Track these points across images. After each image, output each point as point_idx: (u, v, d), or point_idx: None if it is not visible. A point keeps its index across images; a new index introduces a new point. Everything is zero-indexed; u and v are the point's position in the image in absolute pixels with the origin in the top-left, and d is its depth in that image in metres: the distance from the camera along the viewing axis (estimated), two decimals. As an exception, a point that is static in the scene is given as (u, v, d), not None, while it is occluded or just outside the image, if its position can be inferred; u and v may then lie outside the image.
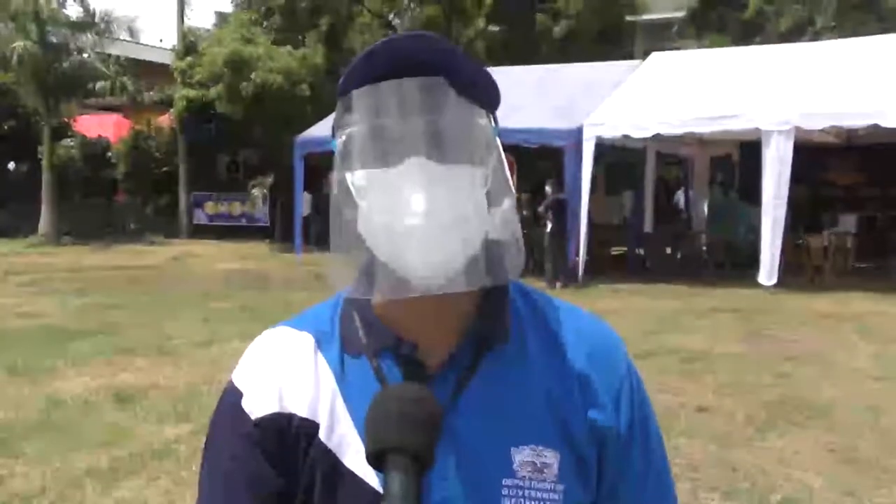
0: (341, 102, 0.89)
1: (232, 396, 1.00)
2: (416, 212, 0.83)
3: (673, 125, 12.84)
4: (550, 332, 1.00)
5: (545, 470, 0.93)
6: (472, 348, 0.95)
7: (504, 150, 0.94)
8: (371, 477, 0.91)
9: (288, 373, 0.98)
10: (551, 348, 0.99)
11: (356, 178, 0.88)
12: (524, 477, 0.93)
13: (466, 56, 0.89)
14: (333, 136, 0.92)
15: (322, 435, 0.95)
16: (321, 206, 18.42)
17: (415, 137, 0.84)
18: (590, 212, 13.44)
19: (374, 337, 0.96)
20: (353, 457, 0.92)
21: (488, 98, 0.91)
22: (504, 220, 0.92)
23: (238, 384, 1.00)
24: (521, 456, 0.93)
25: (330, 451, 0.94)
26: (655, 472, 1.01)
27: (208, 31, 25.24)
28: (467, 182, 0.87)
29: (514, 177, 0.94)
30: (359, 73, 0.87)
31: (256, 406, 0.97)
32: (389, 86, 0.85)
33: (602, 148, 13.33)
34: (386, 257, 0.88)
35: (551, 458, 0.94)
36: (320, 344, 0.99)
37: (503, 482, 0.92)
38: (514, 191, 0.94)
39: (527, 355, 0.98)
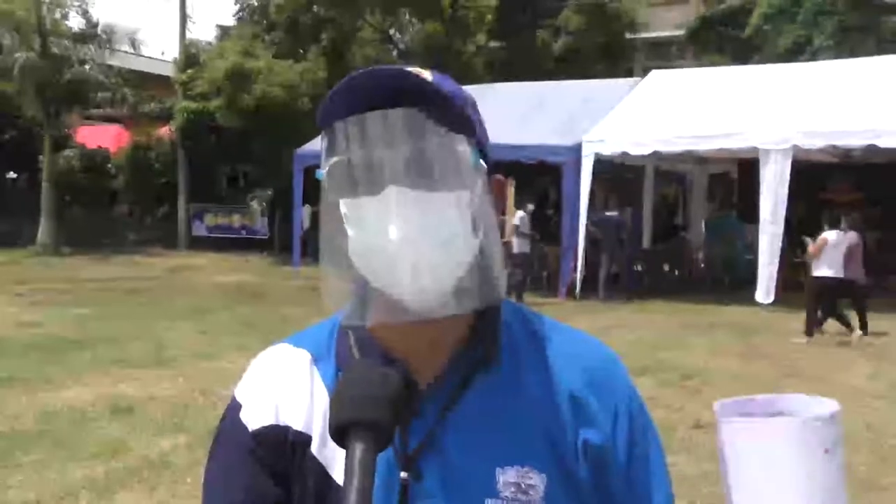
0: (323, 135, 0.92)
1: (232, 409, 1.03)
2: (395, 238, 0.86)
3: (672, 143, 12.89)
4: (545, 353, 1.01)
5: (530, 491, 0.94)
6: (464, 368, 0.97)
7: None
8: None
9: (285, 387, 1.01)
10: (545, 369, 1.00)
11: (343, 207, 0.91)
12: (507, 497, 0.93)
13: (443, 85, 0.92)
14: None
15: (314, 448, 0.97)
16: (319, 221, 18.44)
17: (393, 166, 0.87)
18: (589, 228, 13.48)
19: (367, 355, 0.98)
20: (342, 471, 0.94)
21: (464, 124, 0.93)
22: (487, 242, 0.93)
23: (238, 397, 1.03)
24: (506, 476, 0.94)
25: (321, 464, 0.96)
26: (661, 492, 1.01)
27: (210, 44, 25.31)
28: (448, 207, 0.89)
29: (511, 195, 0.96)
30: (337, 105, 0.90)
31: (254, 418, 1.00)
32: (367, 117, 0.88)
33: (601, 165, 13.38)
34: (377, 283, 0.90)
35: (537, 479, 0.94)
36: (316, 361, 1.02)
37: (486, 502, 0.93)
38: (504, 212, 0.96)
39: (519, 376, 0.99)
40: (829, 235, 9.81)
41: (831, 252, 9.67)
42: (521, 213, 12.92)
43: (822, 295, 9.78)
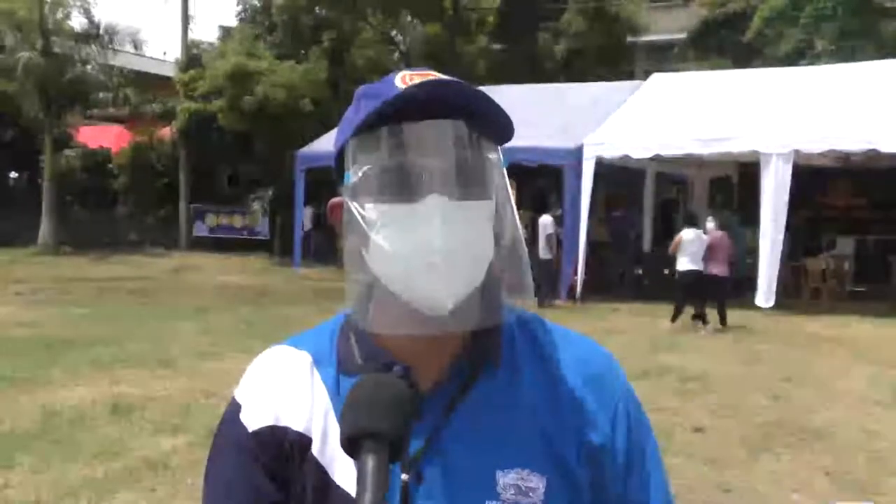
0: (359, 140, 0.92)
1: (232, 409, 1.03)
2: (437, 248, 0.87)
3: (673, 146, 12.89)
4: (544, 355, 1.02)
5: (531, 493, 0.94)
6: (465, 371, 0.98)
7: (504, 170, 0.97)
8: None
9: (284, 389, 1.01)
10: (545, 372, 1.00)
11: (369, 212, 0.91)
12: (508, 499, 0.94)
13: (484, 96, 0.93)
14: (336, 165, 0.96)
15: (314, 450, 0.97)
16: (322, 222, 18.45)
17: (434, 176, 0.88)
18: (589, 231, 13.48)
19: (369, 358, 0.98)
20: (343, 472, 0.94)
21: (502, 136, 0.95)
22: (512, 248, 0.95)
23: (238, 398, 1.03)
24: (506, 479, 0.95)
25: (321, 465, 0.97)
26: (659, 493, 1.02)
27: (212, 44, 25.30)
28: (481, 216, 0.91)
29: (514, 197, 0.97)
30: (381, 113, 0.91)
31: (253, 419, 1.00)
32: (411, 127, 0.89)
33: (602, 168, 13.38)
34: (400, 290, 0.91)
35: (537, 481, 0.95)
36: (317, 363, 1.02)
37: None
38: (517, 216, 0.97)
39: (519, 379, 0.99)
40: (686, 234, 10.81)
41: (688, 248, 10.72)
42: (548, 217, 12.90)
43: (686, 286, 10.75)
